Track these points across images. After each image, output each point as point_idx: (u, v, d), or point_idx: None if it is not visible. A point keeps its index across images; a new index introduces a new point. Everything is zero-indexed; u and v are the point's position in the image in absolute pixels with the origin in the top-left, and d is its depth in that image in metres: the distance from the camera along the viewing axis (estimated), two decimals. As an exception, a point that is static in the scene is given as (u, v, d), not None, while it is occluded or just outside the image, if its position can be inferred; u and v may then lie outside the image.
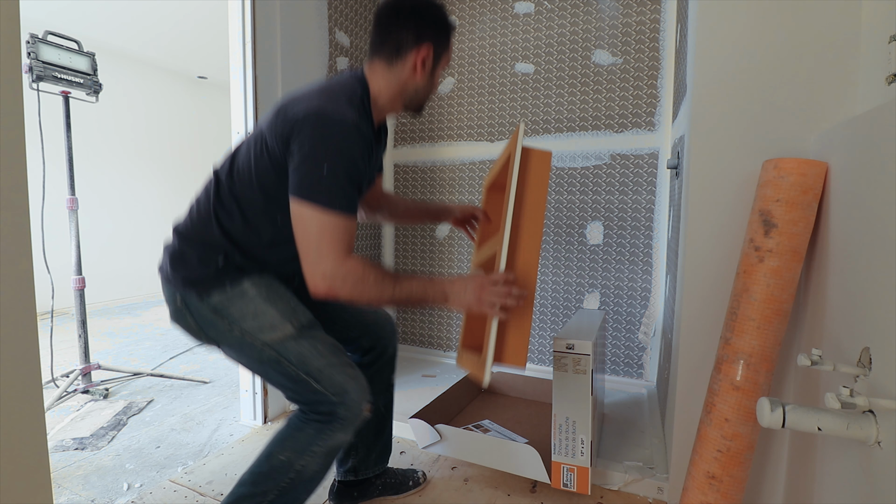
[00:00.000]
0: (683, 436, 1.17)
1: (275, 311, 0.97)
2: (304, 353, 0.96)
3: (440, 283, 0.94)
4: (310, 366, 0.96)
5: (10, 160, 0.67)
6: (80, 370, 2.11)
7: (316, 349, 0.97)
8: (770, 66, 1.01)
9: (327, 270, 0.87)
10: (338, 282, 0.87)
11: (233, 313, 0.96)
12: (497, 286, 0.92)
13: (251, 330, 0.96)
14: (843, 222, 0.79)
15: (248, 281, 0.98)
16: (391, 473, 1.35)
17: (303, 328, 0.99)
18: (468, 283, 0.94)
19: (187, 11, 3.44)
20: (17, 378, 0.69)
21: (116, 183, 4.39)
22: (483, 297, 0.92)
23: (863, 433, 0.58)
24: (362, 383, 0.99)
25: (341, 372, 0.97)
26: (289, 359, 0.96)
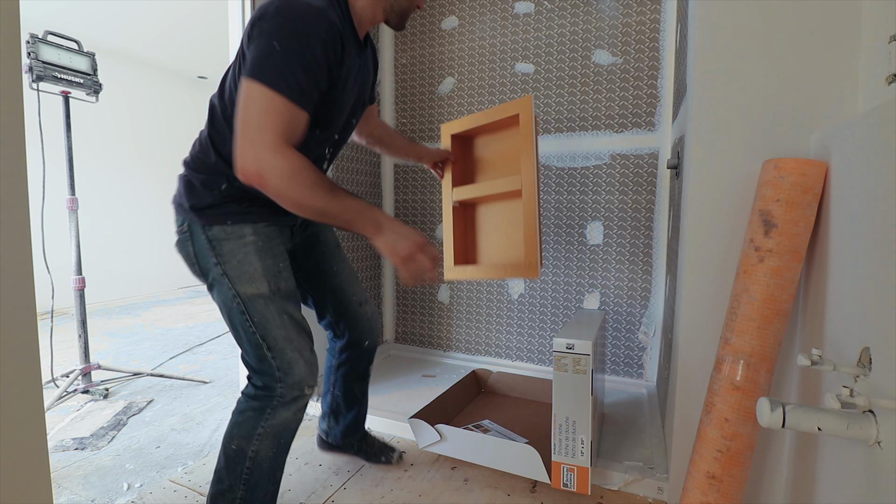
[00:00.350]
0: (683, 436, 1.17)
1: (260, 265, 0.96)
2: (268, 318, 0.96)
3: (377, 215, 0.89)
4: (268, 332, 0.96)
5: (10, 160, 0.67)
6: (80, 370, 2.11)
7: (280, 319, 0.97)
8: (770, 66, 1.01)
9: (261, 154, 0.79)
10: (270, 169, 0.80)
11: (223, 251, 0.95)
12: (427, 258, 0.91)
13: (231, 275, 0.95)
14: (843, 222, 0.79)
15: (250, 227, 0.97)
16: (370, 441, 1.49)
17: (278, 293, 0.98)
18: (407, 235, 0.90)
19: (187, 11, 3.44)
20: (17, 378, 0.69)
21: (116, 183, 4.39)
22: (412, 258, 0.90)
23: (863, 433, 0.58)
24: (311, 368, 1.00)
25: (294, 349, 0.98)
26: (252, 317, 0.96)
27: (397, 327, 2.52)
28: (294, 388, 0.98)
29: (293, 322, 0.99)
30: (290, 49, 0.81)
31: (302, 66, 0.82)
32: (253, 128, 0.80)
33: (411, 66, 2.35)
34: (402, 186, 2.42)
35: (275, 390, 0.97)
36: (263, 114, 0.80)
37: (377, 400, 1.87)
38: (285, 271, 1.01)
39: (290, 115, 0.82)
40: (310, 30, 0.82)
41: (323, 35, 0.84)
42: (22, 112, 0.69)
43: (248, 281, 0.96)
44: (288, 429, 1.01)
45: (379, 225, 0.88)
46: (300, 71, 0.82)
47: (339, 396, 1.40)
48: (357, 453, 1.48)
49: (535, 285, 2.16)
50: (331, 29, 0.86)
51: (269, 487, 1.02)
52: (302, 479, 1.41)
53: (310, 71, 0.83)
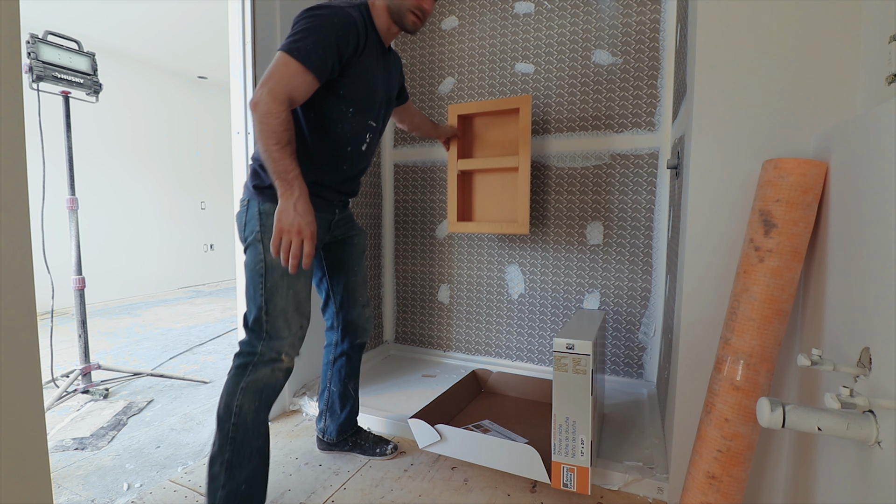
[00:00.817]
0: (683, 436, 1.17)
1: None
2: (278, 288, 1.13)
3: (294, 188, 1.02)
4: (272, 299, 1.13)
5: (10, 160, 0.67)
6: (80, 370, 2.11)
7: (287, 292, 1.14)
8: (770, 66, 1.01)
9: (262, 93, 1.00)
10: (259, 105, 1.00)
11: (267, 223, 1.13)
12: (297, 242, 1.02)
13: (265, 242, 1.13)
14: (843, 222, 0.79)
15: None
16: (364, 436, 1.56)
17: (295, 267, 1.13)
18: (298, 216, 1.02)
19: (187, 11, 3.44)
20: (17, 378, 0.69)
21: (116, 183, 4.39)
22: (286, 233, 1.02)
23: (863, 433, 0.58)
24: (293, 342, 1.16)
25: (286, 322, 1.14)
26: (266, 282, 1.12)
27: (397, 327, 2.52)
28: (272, 350, 1.13)
29: (296, 300, 1.15)
30: (311, 30, 1.04)
31: (315, 41, 1.03)
32: (267, 76, 1.02)
33: (411, 66, 2.35)
34: (401, 186, 2.42)
35: (256, 348, 1.13)
36: (277, 69, 1.02)
37: (377, 400, 1.87)
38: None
39: (296, 73, 1.03)
40: (329, 18, 1.06)
41: (339, 23, 1.06)
42: (22, 112, 0.69)
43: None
44: (268, 386, 1.14)
45: (289, 194, 1.02)
46: (313, 45, 1.03)
47: (334, 393, 1.51)
48: (352, 449, 1.54)
49: (534, 285, 2.16)
50: (349, 22, 1.08)
51: (253, 443, 1.12)
52: (302, 479, 1.41)
53: (321, 46, 1.04)
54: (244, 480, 1.11)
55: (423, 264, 2.41)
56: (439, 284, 2.39)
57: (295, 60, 1.02)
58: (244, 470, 1.11)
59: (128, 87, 4.43)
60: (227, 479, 1.09)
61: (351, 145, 1.21)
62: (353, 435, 1.56)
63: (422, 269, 2.42)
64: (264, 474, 1.17)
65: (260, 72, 1.65)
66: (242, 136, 1.68)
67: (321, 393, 1.54)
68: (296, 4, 1.76)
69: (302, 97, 1.06)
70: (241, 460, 1.10)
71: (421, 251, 2.41)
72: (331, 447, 1.55)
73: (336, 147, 1.19)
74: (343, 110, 1.16)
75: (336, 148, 1.19)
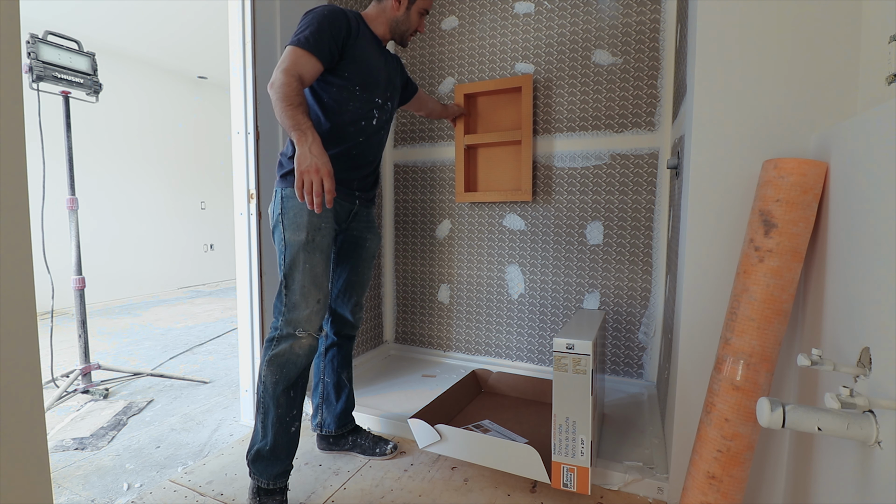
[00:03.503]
0: (683, 436, 1.17)
1: (307, 219, 1.23)
2: (297, 262, 1.23)
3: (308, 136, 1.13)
4: (291, 274, 1.23)
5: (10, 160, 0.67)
6: (80, 370, 2.11)
7: (305, 266, 1.23)
8: (770, 66, 1.01)
9: (276, 74, 1.17)
10: (275, 81, 1.16)
11: (287, 206, 1.25)
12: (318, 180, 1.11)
13: (286, 223, 1.24)
14: (843, 222, 0.79)
15: None
16: (363, 435, 1.57)
17: (312, 243, 1.24)
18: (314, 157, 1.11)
19: (187, 11, 3.44)
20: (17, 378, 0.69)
21: (116, 183, 4.39)
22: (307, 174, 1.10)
23: (863, 433, 0.58)
24: (311, 316, 1.24)
25: (303, 296, 1.23)
26: (287, 258, 1.24)
27: (397, 327, 2.52)
28: (290, 324, 1.23)
29: (313, 273, 1.24)
30: (308, 24, 1.21)
31: (312, 31, 1.20)
32: (280, 62, 1.19)
33: (411, 66, 2.35)
34: (402, 186, 2.42)
35: (278, 324, 1.24)
36: (286, 57, 1.19)
37: (377, 400, 1.87)
38: (326, 230, 1.27)
39: (302, 57, 1.19)
40: (321, 12, 1.23)
41: (329, 14, 1.23)
42: (22, 112, 0.69)
43: (295, 229, 1.23)
44: (289, 362, 1.24)
45: (303, 140, 1.12)
46: (312, 34, 1.20)
47: (328, 384, 1.55)
48: (352, 448, 1.55)
49: (534, 285, 2.16)
50: (338, 12, 1.25)
51: (275, 412, 1.24)
52: (302, 479, 1.41)
53: (317, 32, 1.20)
54: (270, 442, 1.25)
55: (423, 264, 2.41)
56: (439, 284, 2.39)
57: (298, 48, 1.19)
58: (269, 433, 1.25)
59: (128, 88, 4.43)
60: (261, 436, 1.26)
61: (364, 120, 1.33)
62: (352, 433, 1.57)
63: (422, 269, 2.42)
64: (285, 441, 1.27)
65: (260, 72, 1.66)
66: (242, 136, 1.68)
67: (315, 387, 1.57)
68: (295, 4, 1.76)
69: (310, 76, 1.20)
70: (267, 425, 1.25)
71: (421, 251, 2.41)
72: (330, 445, 1.56)
73: (348, 124, 1.31)
74: (350, 90, 1.29)
75: (349, 124, 1.31)
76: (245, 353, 1.74)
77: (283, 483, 1.29)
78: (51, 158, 3.34)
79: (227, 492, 1.35)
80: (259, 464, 1.26)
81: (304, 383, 1.29)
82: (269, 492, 1.26)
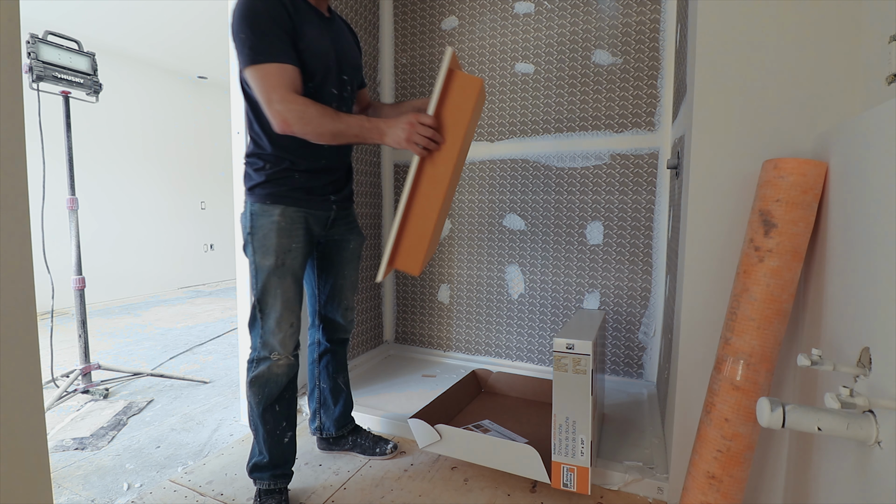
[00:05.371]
0: (683, 436, 1.17)
1: (276, 241, 1.17)
2: (268, 286, 1.19)
3: (376, 121, 1.08)
4: (264, 297, 1.19)
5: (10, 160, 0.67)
6: (80, 370, 2.11)
7: (277, 292, 1.19)
8: (770, 66, 1.01)
9: (276, 108, 1.03)
10: (287, 116, 1.04)
11: (256, 224, 1.18)
12: (422, 127, 1.04)
13: (255, 244, 1.19)
14: (843, 222, 0.79)
15: (280, 209, 1.18)
16: (363, 435, 1.57)
17: (282, 267, 1.18)
18: (400, 121, 1.06)
19: (187, 11, 3.44)
20: (17, 378, 0.69)
21: (116, 183, 4.39)
22: (411, 135, 1.04)
23: (863, 433, 0.58)
24: (286, 341, 1.22)
25: (276, 319, 1.20)
26: (257, 281, 1.19)
27: (397, 327, 2.52)
28: (266, 347, 1.21)
29: (284, 297, 1.20)
30: (250, 29, 1.04)
31: (263, 33, 1.04)
32: (265, 97, 1.05)
33: (411, 66, 2.35)
34: (401, 186, 2.42)
35: (255, 345, 1.23)
36: (263, 82, 1.05)
37: (377, 400, 1.87)
38: (296, 251, 1.21)
39: (280, 72, 1.05)
40: (256, 7, 1.05)
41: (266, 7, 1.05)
42: (22, 112, 0.69)
43: (263, 252, 1.18)
44: (269, 382, 1.23)
45: (381, 130, 1.07)
46: (264, 38, 1.04)
47: (325, 389, 1.53)
48: (352, 448, 1.55)
49: (534, 285, 2.16)
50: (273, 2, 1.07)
51: (264, 429, 1.25)
52: (302, 479, 1.41)
53: (271, 33, 1.05)
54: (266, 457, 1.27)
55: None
56: (439, 284, 2.39)
57: (265, 65, 1.05)
58: (263, 449, 1.27)
59: (128, 87, 4.43)
60: (258, 452, 1.28)
61: None
62: (352, 433, 1.57)
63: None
64: (279, 453, 1.27)
65: (260, 72, 1.65)
66: (243, 135, 1.68)
67: (310, 393, 1.55)
68: (296, 4, 1.76)
69: (300, 85, 1.10)
70: (260, 441, 1.27)
71: (421, 251, 2.41)
72: (331, 446, 1.56)
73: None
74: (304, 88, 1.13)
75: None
76: (245, 353, 1.74)
77: (283, 484, 1.30)
78: (51, 158, 3.33)
79: (228, 492, 1.35)
80: (258, 472, 1.28)
81: (291, 395, 1.29)
82: (270, 492, 1.27)
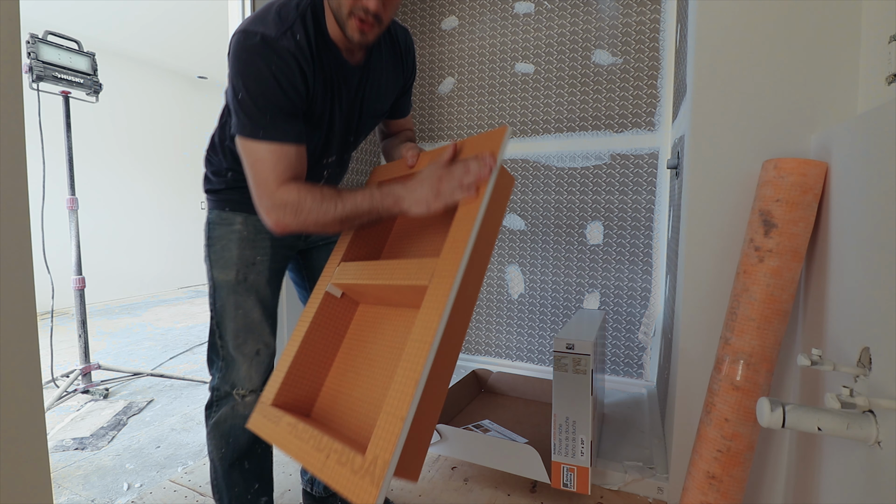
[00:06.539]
0: (683, 436, 1.17)
1: (237, 253, 0.99)
2: (226, 308, 0.99)
3: (390, 188, 0.82)
4: (223, 320, 0.99)
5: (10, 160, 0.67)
6: (80, 370, 2.11)
7: (236, 312, 0.99)
8: (770, 66, 1.01)
9: (266, 204, 0.82)
10: (280, 213, 0.82)
11: (213, 234, 1.01)
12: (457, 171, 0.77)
13: (212, 257, 1.00)
14: (843, 222, 0.79)
15: (242, 216, 1.00)
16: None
17: (243, 283, 0.99)
18: (423, 178, 0.80)
19: (187, 11, 3.44)
20: (17, 378, 0.69)
21: (116, 183, 4.39)
22: (442, 188, 0.77)
23: (863, 433, 0.58)
24: (251, 374, 0.99)
25: (237, 347, 0.99)
26: (216, 302, 1.00)
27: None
28: (227, 381, 0.99)
29: (246, 319, 0.99)
30: (251, 93, 0.80)
31: (266, 105, 0.80)
32: (254, 185, 0.83)
33: (411, 66, 2.35)
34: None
35: (215, 381, 1.00)
36: (253, 166, 0.82)
37: (377, 400, 1.87)
38: (261, 265, 1.01)
39: (279, 156, 0.82)
40: (260, 68, 0.79)
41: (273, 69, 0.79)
42: (22, 112, 0.69)
43: (222, 266, 0.99)
44: (235, 427, 0.98)
45: (397, 198, 0.81)
46: (266, 111, 0.81)
47: None
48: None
49: (534, 285, 2.16)
50: (281, 59, 0.80)
51: (229, 494, 1.01)
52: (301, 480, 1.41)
53: (274, 106, 0.81)
54: None
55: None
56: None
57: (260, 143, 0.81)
58: None
59: (128, 87, 4.43)
60: None
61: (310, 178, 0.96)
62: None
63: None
64: None
65: (260, 72, 1.66)
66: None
67: None
68: (296, 4, 1.76)
69: (303, 167, 0.86)
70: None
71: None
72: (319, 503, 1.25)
73: None
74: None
75: None
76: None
77: None
78: (51, 158, 3.33)
79: (227, 492, 1.35)
80: None
81: (264, 447, 1.04)
82: None
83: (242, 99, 0.80)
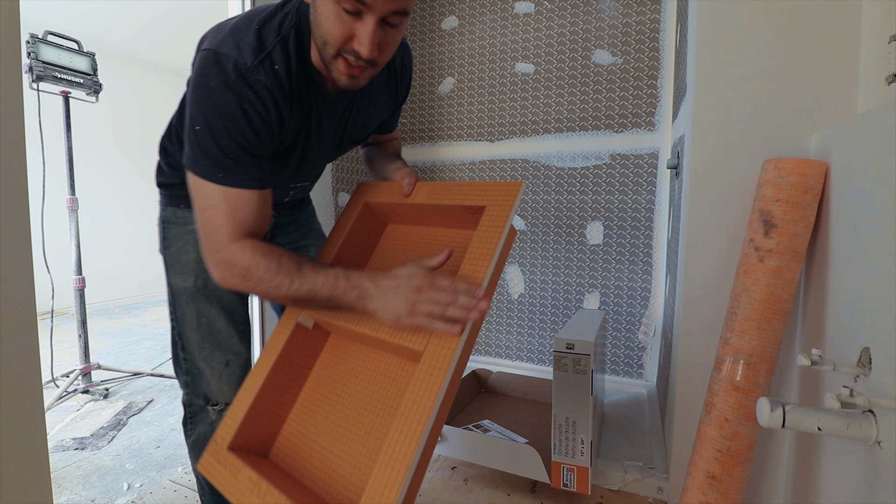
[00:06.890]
0: (683, 436, 1.17)
1: (194, 256, 0.87)
2: (186, 317, 0.89)
3: (358, 278, 0.69)
4: (184, 331, 0.90)
5: (10, 160, 0.67)
6: (80, 370, 2.11)
7: (197, 321, 0.89)
8: (770, 66, 1.01)
9: (213, 258, 0.71)
10: (226, 272, 0.70)
11: (169, 235, 0.91)
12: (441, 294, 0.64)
13: (168, 261, 0.90)
14: (843, 222, 0.79)
15: None
16: None
17: (203, 290, 0.88)
18: (399, 284, 0.66)
19: (187, 11, 3.44)
20: (17, 378, 0.69)
21: (116, 183, 4.39)
22: (419, 307, 0.64)
23: (863, 433, 0.58)
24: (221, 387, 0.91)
25: (203, 359, 0.90)
26: (175, 311, 0.90)
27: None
28: (198, 396, 0.91)
29: (209, 329, 0.90)
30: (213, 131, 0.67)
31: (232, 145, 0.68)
32: (203, 234, 0.71)
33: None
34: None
35: (185, 397, 0.93)
36: (205, 213, 0.70)
37: (377, 400, 1.86)
38: None
39: (236, 204, 0.70)
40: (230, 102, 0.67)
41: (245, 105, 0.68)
42: (22, 112, 0.69)
43: (178, 271, 0.89)
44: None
45: (362, 294, 0.68)
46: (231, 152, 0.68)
47: None
48: None
49: (534, 285, 2.16)
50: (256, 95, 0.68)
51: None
52: None
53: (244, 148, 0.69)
54: None
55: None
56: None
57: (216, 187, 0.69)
58: None
59: (128, 87, 4.42)
60: None
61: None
62: None
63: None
64: None
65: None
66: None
67: None
68: (296, 4, 1.76)
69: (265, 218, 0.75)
70: None
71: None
72: None
73: None
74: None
75: None
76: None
77: None
78: (51, 158, 3.33)
79: (227, 492, 1.35)
80: None
81: None
82: None
83: (201, 133, 0.67)
